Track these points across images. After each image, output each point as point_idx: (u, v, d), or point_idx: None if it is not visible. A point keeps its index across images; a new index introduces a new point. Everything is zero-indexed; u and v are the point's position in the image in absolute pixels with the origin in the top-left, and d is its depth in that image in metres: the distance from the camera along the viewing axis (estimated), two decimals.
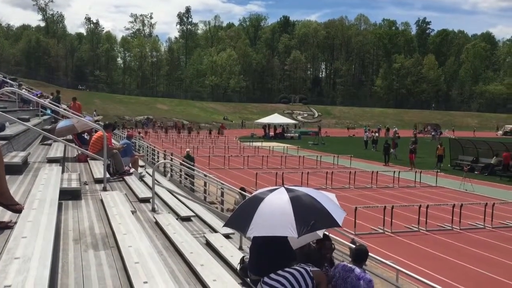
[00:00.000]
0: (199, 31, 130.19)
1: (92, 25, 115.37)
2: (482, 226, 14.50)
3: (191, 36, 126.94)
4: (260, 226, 4.17)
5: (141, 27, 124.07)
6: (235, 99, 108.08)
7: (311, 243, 5.18)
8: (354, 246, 6.41)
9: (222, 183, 11.86)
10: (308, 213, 4.28)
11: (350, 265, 4.36)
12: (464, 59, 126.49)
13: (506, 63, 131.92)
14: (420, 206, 14.19)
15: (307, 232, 4.20)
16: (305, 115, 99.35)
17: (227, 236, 7.01)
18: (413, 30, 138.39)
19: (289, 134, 58.84)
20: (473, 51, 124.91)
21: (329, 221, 4.42)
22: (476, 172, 26.48)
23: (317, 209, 4.45)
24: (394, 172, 23.22)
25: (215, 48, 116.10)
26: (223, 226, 5.31)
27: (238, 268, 5.06)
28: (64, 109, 14.36)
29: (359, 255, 4.46)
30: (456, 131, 71.72)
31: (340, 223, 4.36)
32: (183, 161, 17.69)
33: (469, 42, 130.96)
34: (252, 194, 4.67)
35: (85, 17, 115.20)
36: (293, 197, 4.37)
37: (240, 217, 4.46)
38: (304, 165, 27.33)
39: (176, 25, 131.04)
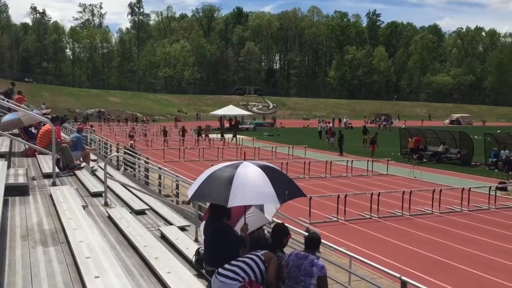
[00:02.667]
0: (151, 22, 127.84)
1: (38, 15, 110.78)
2: (430, 212, 15.08)
3: (143, 27, 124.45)
4: (241, 196, 4.25)
5: (90, 18, 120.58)
6: (189, 91, 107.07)
7: (265, 231, 5.24)
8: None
9: (177, 176, 11.74)
10: (282, 184, 4.49)
11: (304, 253, 4.43)
12: (412, 50, 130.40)
13: (452, 54, 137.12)
14: (372, 194, 14.57)
15: (285, 201, 4.39)
16: (260, 106, 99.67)
17: (182, 229, 6.95)
18: (364, 22, 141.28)
19: (244, 126, 58.93)
20: (421, 43, 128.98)
21: (299, 192, 4.71)
22: (424, 160, 27.41)
23: (287, 180, 4.75)
24: (347, 161, 23.74)
25: (168, 40, 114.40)
26: (189, 200, 5.31)
27: (193, 260, 5.05)
28: (8, 101, 13.79)
29: (312, 243, 4.53)
30: (405, 120, 73.89)
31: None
32: (127, 150, 17.57)
33: (417, 34, 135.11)
34: (212, 170, 4.68)
35: (31, 7, 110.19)
36: (264, 169, 4.52)
37: (213, 190, 4.47)
38: (259, 156, 27.46)
39: (127, 16, 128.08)
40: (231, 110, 62.56)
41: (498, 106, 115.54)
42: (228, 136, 40.59)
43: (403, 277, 5.01)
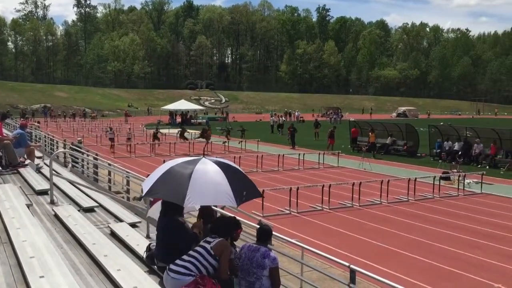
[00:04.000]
0: (98, 15, 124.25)
1: None
2: (379, 202, 15.53)
3: (90, 19, 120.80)
4: (198, 196, 4.15)
5: (33, 9, 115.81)
6: (140, 86, 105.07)
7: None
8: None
9: (127, 172, 11.50)
10: (239, 183, 4.41)
11: (256, 245, 4.46)
12: (361, 45, 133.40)
13: (399, 49, 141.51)
14: (323, 186, 14.83)
15: (242, 202, 4.31)
16: (212, 100, 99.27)
17: (133, 225, 6.83)
18: (314, 17, 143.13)
19: (196, 120, 58.50)
20: (369, 38, 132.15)
21: (256, 192, 4.61)
22: (373, 152, 28.13)
23: (245, 180, 4.62)
24: (299, 154, 24.05)
25: (116, 33, 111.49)
26: (144, 195, 5.11)
27: (144, 256, 4.98)
28: None
29: (263, 235, 4.57)
30: (356, 114, 75.65)
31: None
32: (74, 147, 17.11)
33: (365, 29, 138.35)
34: (170, 165, 4.53)
35: None
36: (223, 167, 4.41)
37: (167, 187, 4.31)
38: (212, 151, 27.36)
39: (73, 8, 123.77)
40: (183, 104, 61.92)
41: (442, 99, 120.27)
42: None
43: (352, 266, 5.14)
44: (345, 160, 25.49)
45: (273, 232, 7.51)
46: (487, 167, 23.23)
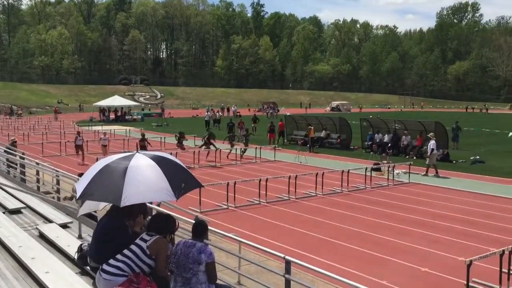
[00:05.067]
0: (23, 7, 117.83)
1: None
2: (314, 194, 15.92)
3: (14, 11, 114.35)
4: (135, 194, 3.97)
5: None
6: (70, 81, 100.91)
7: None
8: None
9: (57, 171, 11.04)
10: (177, 176, 4.27)
11: (192, 241, 4.43)
12: (295, 41, 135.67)
13: (331, 45, 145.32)
14: (260, 180, 14.98)
15: (181, 195, 4.18)
16: (148, 96, 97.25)
17: (64, 226, 6.58)
18: (249, 12, 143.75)
19: (131, 117, 57.11)
20: (302, 34, 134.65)
21: (195, 182, 4.51)
22: (308, 145, 28.75)
23: (183, 171, 4.48)
24: (237, 149, 24.14)
25: (43, 26, 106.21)
26: (77, 199, 4.87)
27: (75, 257, 4.80)
28: None
29: (199, 230, 4.54)
30: (292, 108, 76.91)
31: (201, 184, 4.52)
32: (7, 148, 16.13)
33: (299, 25, 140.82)
34: (103, 163, 4.34)
35: None
36: (159, 161, 4.26)
37: (102, 187, 4.10)
38: (148, 147, 26.77)
39: None
40: (116, 100, 60.17)
41: (373, 93, 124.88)
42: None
43: (286, 257, 5.24)
44: (282, 154, 25.88)
45: (210, 227, 7.51)
46: (414, 157, 24.41)
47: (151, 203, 6.81)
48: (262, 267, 6.52)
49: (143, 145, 22.65)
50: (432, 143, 20.25)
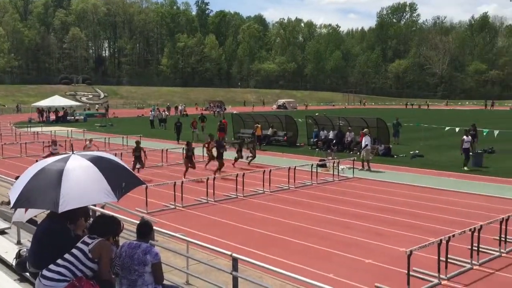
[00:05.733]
0: None
1: None
2: (262, 191, 16.05)
3: None
4: (73, 198, 3.78)
5: None
6: (6, 81, 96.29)
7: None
8: None
9: None
10: (117, 175, 4.14)
11: (137, 242, 4.36)
12: (241, 39, 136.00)
13: (276, 43, 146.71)
14: (207, 179, 14.92)
15: (122, 195, 4.07)
16: (90, 96, 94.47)
17: (1, 232, 6.28)
18: (194, 10, 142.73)
19: (73, 117, 55.29)
20: (248, 32, 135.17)
21: (136, 180, 4.39)
22: (257, 143, 28.89)
23: (123, 170, 4.36)
24: (183, 148, 23.89)
25: None
26: (12, 207, 4.61)
27: (14, 264, 4.61)
28: None
29: (143, 231, 4.48)
30: (239, 106, 77.04)
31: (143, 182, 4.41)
32: None
33: (244, 24, 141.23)
34: (38, 167, 4.15)
35: None
36: (96, 161, 4.12)
37: (38, 193, 3.86)
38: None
39: None
40: (56, 100, 58.02)
41: (318, 91, 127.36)
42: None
43: (233, 254, 5.26)
44: (229, 152, 25.85)
45: (157, 228, 7.42)
46: (358, 153, 25.10)
47: (95, 205, 6.66)
48: (211, 265, 6.51)
49: (137, 155, 19.08)
50: (366, 139, 20.91)
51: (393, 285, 8.06)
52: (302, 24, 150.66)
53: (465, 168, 20.12)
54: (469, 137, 20.70)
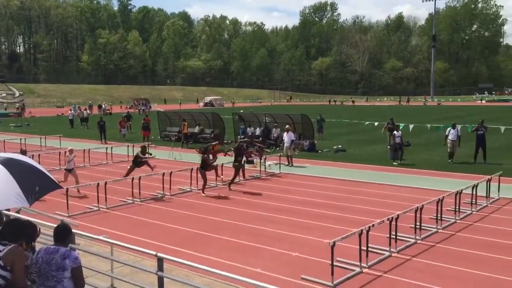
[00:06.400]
0: None
1: None
2: (189, 190, 15.91)
3: None
4: None
5: None
6: None
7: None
8: None
9: None
10: (30, 179, 3.89)
11: (54, 246, 4.15)
12: (165, 36, 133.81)
13: (202, 40, 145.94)
14: (133, 179, 14.54)
15: (35, 199, 3.85)
16: (4, 94, 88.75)
17: None
18: (115, 5, 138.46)
19: None
20: (172, 29, 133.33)
21: (52, 184, 4.14)
22: (184, 141, 28.58)
23: (37, 172, 4.09)
24: (107, 148, 23.15)
25: None
26: None
27: None
28: None
29: (60, 234, 4.26)
30: (164, 104, 75.74)
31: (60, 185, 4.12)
32: None
33: (169, 20, 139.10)
34: None
35: None
36: (6, 164, 3.85)
37: None
38: (6, 150, 24.48)
39: None
40: None
41: (244, 88, 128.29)
42: None
43: (158, 254, 5.18)
44: (156, 151, 25.38)
45: (78, 231, 7.13)
46: (278, 148, 25.60)
47: (9, 209, 6.26)
48: (136, 267, 6.35)
49: (138, 161, 16.69)
50: (289, 135, 21.40)
51: (319, 275, 8.31)
52: (227, 22, 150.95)
53: (394, 162, 20.92)
54: (400, 132, 21.55)
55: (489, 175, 14.32)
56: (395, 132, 21.58)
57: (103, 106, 63.14)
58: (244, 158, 17.27)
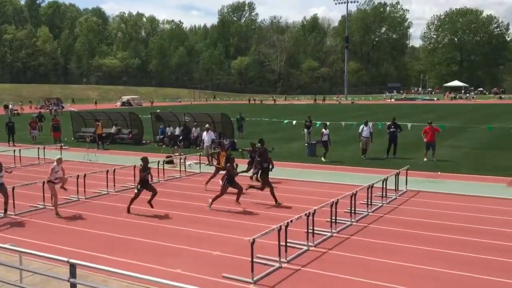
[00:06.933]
0: None
1: None
2: (106, 192, 15.37)
3: None
4: None
5: None
6: None
7: None
8: None
9: None
10: None
11: None
12: (78, 32, 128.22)
13: (118, 38, 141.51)
14: (43, 183, 13.76)
15: None
16: None
17: None
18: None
19: None
20: (86, 25, 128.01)
21: None
22: (99, 142, 27.56)
23: None
24: (15, 151, 21.75)
25: None
26: None
27: None
28: None
29: None
30: (78, 104, 72.50)
31: None
32: None
33: (82, 16, 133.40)
34: None
35: None
36: None
37: None
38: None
39: None
40: None
41: (163, 87, 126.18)
42: None
43: (70, 260, 4.97)
44: (70, 153, 24.29)
45: None
46: (198, 147, 25.50)
47: None
48: (47, 275, 6.03)
49: (145, 177, 13.12)
50: (209, 135, 21.44)
51: (240, 273, 8.38)
52: (144, 19, 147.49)
53: (323, 159, 21.45)
54: (327, 130, 22.01)
55: (398, 169, 15.23)
56: (323, 130, 22.11)
57: (10, 106, 59.12)
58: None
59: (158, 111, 37.27)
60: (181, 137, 27.06)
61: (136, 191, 12.96)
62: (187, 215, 12.69)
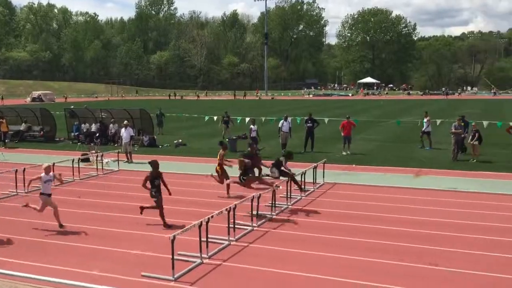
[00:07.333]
0: None
1: None
2: (15, 193, 14.49)
3: None
4: None
5: None
6: None
7: None
8: None
9: None
10: None
11: None
12: None
13: (27, 30, 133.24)
14: None
15: None
16: None
17: None
18: None
19: None
20: None
21: None
22: (7, 140, 25.89)
23: None
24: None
25: None
26: None
27: None
28: None
29: None
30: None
31: None
32: None
33: None
34: None
35: None
36: None
37: None
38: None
39: None
40: None
41: (78, 82, 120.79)
42: None
43: None
44: None
45: None
46: (116, 144, 24.78)
47: None
48: None
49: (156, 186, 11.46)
50: (130, 130, 20.93)
51: (160, 271, 8.25)
52: (56, 10, 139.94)
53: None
54: (255, 126, 22.12)
55: (316, 162, 15.75)
56: (251, 126, 22.28)
57: None
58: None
59: (72, 107, 35.55)
60: (97, 134, 26.11)
61: (154, 200, 11.34)
62: (105, 214, 12.30)
